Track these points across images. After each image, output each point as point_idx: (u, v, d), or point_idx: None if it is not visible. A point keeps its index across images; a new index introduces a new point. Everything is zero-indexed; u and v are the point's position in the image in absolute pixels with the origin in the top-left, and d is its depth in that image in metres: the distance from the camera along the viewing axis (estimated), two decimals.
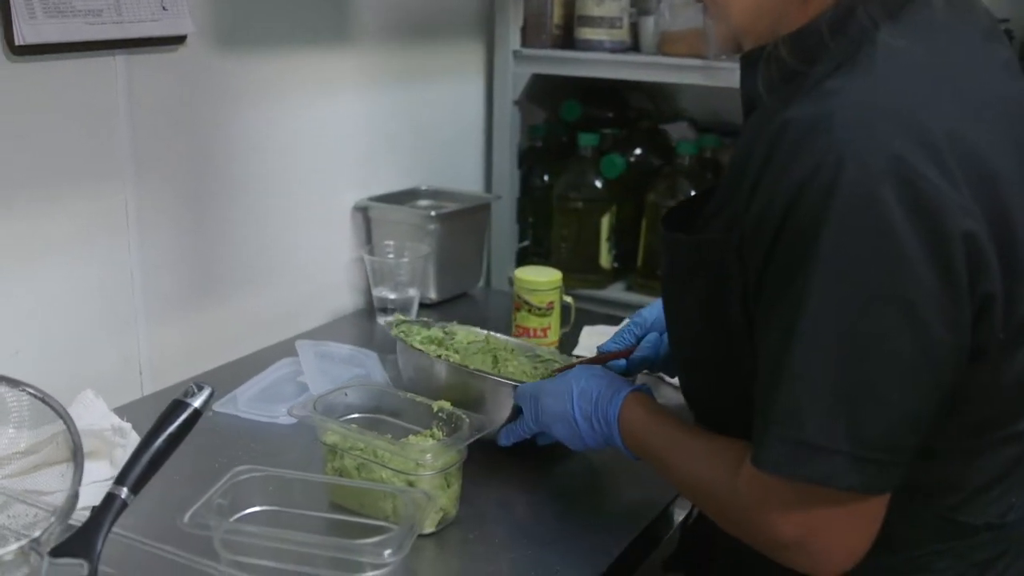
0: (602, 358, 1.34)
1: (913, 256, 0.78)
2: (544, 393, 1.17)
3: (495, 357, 1.39)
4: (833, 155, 0.79)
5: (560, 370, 1.31)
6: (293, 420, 1.31)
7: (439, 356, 1.33)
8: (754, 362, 0.88)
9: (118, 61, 1.39)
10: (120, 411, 1.32)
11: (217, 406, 1.43)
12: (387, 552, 0.94)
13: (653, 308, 1.31)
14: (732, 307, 0.91)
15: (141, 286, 1.50)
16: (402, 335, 1.38)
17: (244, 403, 1.44)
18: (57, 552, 0.89)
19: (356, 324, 1.85)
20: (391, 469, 1.14)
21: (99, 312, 1.45)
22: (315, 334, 1.73)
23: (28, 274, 1.35)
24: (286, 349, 1.63)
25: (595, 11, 2.03)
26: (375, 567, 0.95)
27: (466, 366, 1.30)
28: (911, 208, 0.78)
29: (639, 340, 1.33)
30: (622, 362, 1.34)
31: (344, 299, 1.90)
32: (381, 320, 1.79)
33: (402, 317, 1.48)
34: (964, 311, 0.81)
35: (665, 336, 1.27)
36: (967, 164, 0.80)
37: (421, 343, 1.41)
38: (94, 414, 1.26)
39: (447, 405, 1.23)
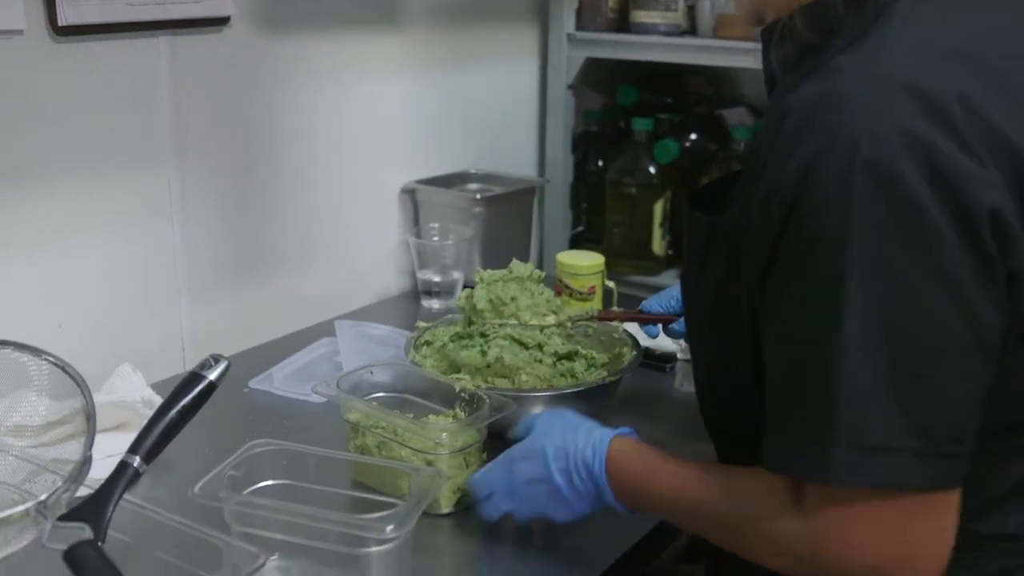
0: (640, 318, 1.35)
1: (946, 234, 0.75)
2: (514, 459, 1.05)
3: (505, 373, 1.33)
4: (845, 135, 0.76)
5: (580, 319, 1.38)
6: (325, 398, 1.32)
7: (449, 374, 1.32)
8: (759, 358, 0.85)
9: (161, 42, 1.42)
10: (160, 385, 1.35)
11: (253, 383, 1.46)
12: (389, 528, 0.93)
13: None
14: (743, 293, 0.88)
15: (184, 264, 1.53)
16: (417, 359, 1.36)
17: (279, 381, 1.46)
18: (67, 517, 0.91)
19: (401, 306, 1.85)
20: (410, 448, 1.14)
21: (143, 289, 1.48)
22: (359, 315, 1.73)
23: (72, 251, 1.38)
24: (327, 329, 1.64)
25: None
26: (378, 542, 0.95)
27: (479, 385, 1.26)
28: (935, 184, 0.75)
29: (682, 314, 1.31)
30: (657, 328, 1.36)
31: (390, 281, 1.91)
32: (425, 303, 1.80)
33: (424, 324, 1.46)
34: (1000, 288, 0.77)
35: None
36: (984, 134, 0.77)
37: (462, 335, 1.39)
38: (129, 386, 1.29)
39: (469, 385, 1.22)
